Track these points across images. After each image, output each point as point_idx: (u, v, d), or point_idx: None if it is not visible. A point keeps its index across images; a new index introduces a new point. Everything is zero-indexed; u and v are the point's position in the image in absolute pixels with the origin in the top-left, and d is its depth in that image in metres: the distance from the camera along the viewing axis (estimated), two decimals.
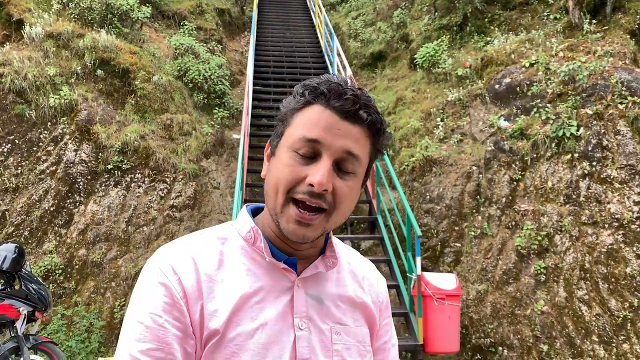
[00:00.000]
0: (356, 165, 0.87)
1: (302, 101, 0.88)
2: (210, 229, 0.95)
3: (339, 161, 0.85)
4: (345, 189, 0.86)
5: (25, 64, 7.50)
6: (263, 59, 11.12)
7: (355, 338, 0.94)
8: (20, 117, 7.19)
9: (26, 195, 6.76)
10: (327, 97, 0.85)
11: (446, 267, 6.23)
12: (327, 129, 0.84)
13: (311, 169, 0.84)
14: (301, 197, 0.84)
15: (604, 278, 5.09)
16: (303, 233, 0.85)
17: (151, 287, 0.84)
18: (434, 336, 4.89)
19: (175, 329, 0.82)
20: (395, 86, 9.86)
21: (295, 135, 0.86)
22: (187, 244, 0.90)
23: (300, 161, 0.85)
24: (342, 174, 0.86)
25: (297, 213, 0.84)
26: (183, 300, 0.83)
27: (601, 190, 5.46)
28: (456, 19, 9.70)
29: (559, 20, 7.94)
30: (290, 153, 0.86)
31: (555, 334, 5.20)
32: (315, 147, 0.84)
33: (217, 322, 0.83)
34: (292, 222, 0.85)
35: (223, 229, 0.95)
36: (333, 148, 0.84)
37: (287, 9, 15.36)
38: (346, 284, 0.98)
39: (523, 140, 6.36)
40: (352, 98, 0.85)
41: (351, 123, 0.85)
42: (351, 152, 0.85)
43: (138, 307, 0.84)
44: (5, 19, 8.37)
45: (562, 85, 6.33)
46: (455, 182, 6.65)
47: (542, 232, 5.65)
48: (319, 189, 0.82)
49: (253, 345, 0.83)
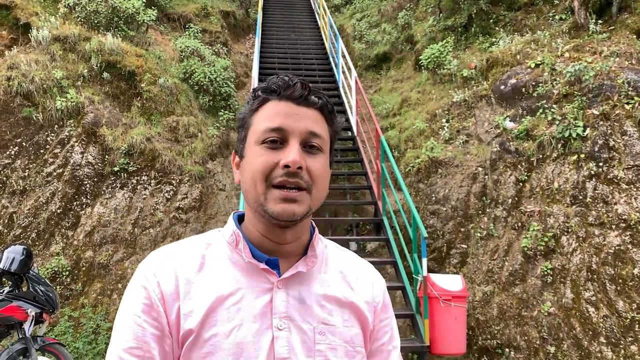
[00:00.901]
0: (321, 142, 0.94)
1: (257, 102, 0.95)
2: (199, 235, 1.00)
3: (304, 142, 0.91)
4: (318, 165, 0.92)
5: (32, 67, 7.55)
6: (268, 61, 11.14)
7: (342, 338, 0.94)
8: (28, 120, 7.24)
9: (33, 197, 6.80)
10: (278, 91, 0.93)
11: (452, 268, 6.22)
12: (286, 116, 0.91)
13: (282, 153, 0.89)
14: (279, 180, 0.88)
15: (611, 279, 5.06)
16: (292, 209, 0.88)
17: (134, 290, 0.90)
18: (441, 338, 4.88)
19: (154, 328, 0.86)
20: (401, 87, 9.86)
21: (259, 130, 0.92)
22: (172, 250, 0.95)
23: (270, 150, 0.90)
24: (311, 153, 0.92)
25: (281, 192, 0.88)
26: (161, 302, 0.88)
27: (608, 191, 5.43)
28: (461, 20, 9.68)
29: (565, 21, 7.92)
30: (258, 146, 0.91)
31: (562, 335, 5.18)
32: (280, 134, 0.90)
33: (192, 322, 0.86)
34: (279, 202, 0.88)
35: (210, 235, 0.99)
36: (297, 131, 0.91)
37: (292, 11, 15.39)
38: (331, 284, 0.99)
39: (529, 141, 6.34)
40: (301, 85, 0.93)
41: (306, 107, 0.93)
42: (314, 132, 0.92)
43: (123, 309, 0.90)
44: (12, 22, 8.44)
45: (568, 85, 6.31)
46: (461, 183, 6.64)
47: (549, 233, 5.63)
48: (295, 167, 0.87)
49: (228, 345, 0.86)
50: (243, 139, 0.96)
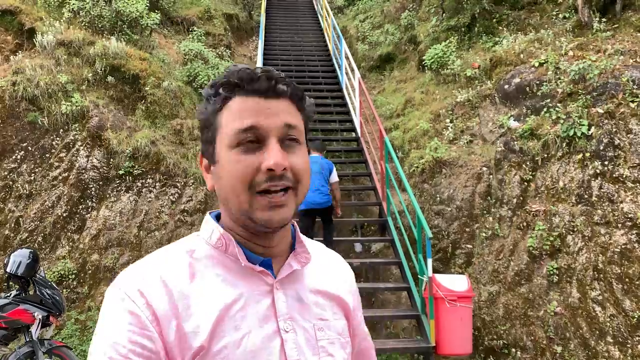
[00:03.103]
0: (297, 133, 0.87)
1: (220, 100, 0.87)
2: (175, 243, 0.91)
3: (282, 137, 0.85)
4: (300, 161, 0.86)
5: (38, 72, 7.60)
6: (271, 63, 11.16)
7: (336, 331, 0.95)
8: (33, 124, 7.29)
9: (39, 201, 6.84)
10: (242, 86, 0.85)
11: (457, 268, 6.20)
12: (258, 113, 0.84)
13: (262, 155, 0.83)
14: (264, 186, 0.82)
15: (617, 278, 5.03)
16: (281, 215, 0.83)
17: (115, 315, 0.79)
18: (446, 338, 4.86)
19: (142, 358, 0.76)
20: (404, 88, 9.85)
21: (230, 132, 0.84)
22: (153, 262, 0.85)
23: (247, 154, 0.83)
24: (291, 148, 0.86)
25: (268, 199, 0.82)
26: (153, 324, 0.78)
27: (613, 190, 5.41)
28: (464, 20, 9.67)
29: (568, 19, 7.89)
30: (233, 151, 0.83)
31: (569, 335, 5.15)
32: (255, 134, 0.83)
33: (200, 338, 0.79)
34: (267, 209, 0.83)
35: (189, 241, 0.91)
36: (273, 127, 0.84)
37: (295, 13, 15.42)
38: (319, 277, 0.98)
39: (533, 141, 6.32)
40: (266, 76, 0.85)
41: (275, 99, 0.86)
42: (290, 124, 0.86)
43: (101, 338, 0.78)
44: (17, 27, 8.49)
45: (572, 84, 6.29)
46: (465, 183, 6.63)
47: (554, 233, 5.61)
48: (279, 169, 0.82)
49: (240, 355, 0.81)
50: (211, 142, 0.88)
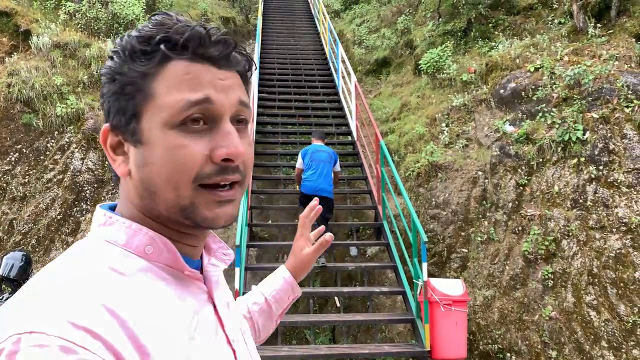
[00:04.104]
0: (248, 114, 0.71)
1: (156, 61, 0.65)
2: (78, 258, 0.64)
3: (233, 118, 0.69)
4: (250, 148, 0.71)
5: (33, 73, 7.58)
6: (268, 66, 11.17)
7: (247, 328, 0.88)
8: (28, 126, 7.26)
9: (33, 203, 6.81)
10: (190, 48, 0.66)
11: (453, 272, 6.20)
12: (211, 85, 0.66)
13: (213, 140, 0.65)
14: (214, 180, 0.65)
15: (612, 283, 5.04)
16: (230, 213, 0.68)
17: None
18: (441, 343, 4.85)
19: None
20: (400, 92, 9.87)
21: (171, 104, 0.64)
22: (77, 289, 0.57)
23: (192, 137, 0.64)
24: (241, 132, 0.69)
25: (216, 194, 0.66)
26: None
27: (608, 195, 5.42)
28: (460, 25, 9.71)
29: (564, 25, 7.93)
30: (173, 131, 0.64)
31: (563, 339, 5.15)
32: (206, 111, 0.65)
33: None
34: (214, 206, 0.66)
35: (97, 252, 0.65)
36: (227, 104, 0.67)
37: (292, 16, 15.44)
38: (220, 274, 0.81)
39: (529, 145, 6.34)
40: (222, 40, 0.68)
41: (227, 69, 0.69)
42: (243, 102, 0.70)
43: None
44: (13, 29, 8.47)
45: (567, 89, 6.31)
46: (461, 188, 6.63)
47: (549, 237, 5.62)
48: (239, 160, 0.67)
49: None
50: (134, 114, 0.66)
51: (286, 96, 10.18)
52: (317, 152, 6.15)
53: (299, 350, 5.05)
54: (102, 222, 0.69)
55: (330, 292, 5.72)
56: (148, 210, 0.68)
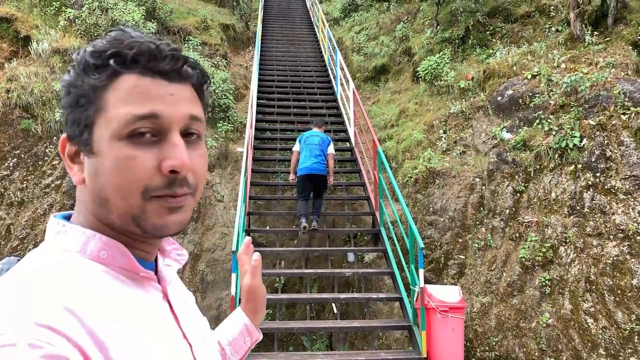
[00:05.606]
0: (201, 127, 0.74)
1: (107, 74, 0.68)
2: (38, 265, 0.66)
3: (184, 131, 0.71)
4: (202, 161, 0.73)
5: (32, 79, 7.60)
6: (267, 73, 11.21)
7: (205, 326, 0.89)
8: (26, 131, 7.27)
9: (31, 209, 6.80)
10: (140, 62, 0.68)
11: (450, 279, 6.19)
12: (159, 99, 0.68)
13: (160, 151, 0.67)
14: (163, 192, 0.67)
15: (609, 290, 5.03)
16: (180, 220, 0.70)
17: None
18: (438, 350, 4.83)
19: None
20: (398, 99, 9.90)
21: (119, 117, 0.66)
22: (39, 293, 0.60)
23: (140, 148, 0.66)
24: (191, 144, 0.72)
25: (166, 201, 0.68)
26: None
27: (605, 201, 5.42)
28: (458, 32, 9.75)
29: (561, 33, 7.97)
30: (123, 142, 0.66)
31: (561, 347, 5.13)
32: (153, 125, 0.67)
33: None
34: (165, 214, 0.68)
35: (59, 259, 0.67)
36: (176, 118, 0.69)
37: (291, 24, 15.52)
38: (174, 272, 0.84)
39: (526, 152, 6.35)
40: (171, 55, 0.70)
41: (179, 83, 0.71)
42: (195, 116, 0.72)
43: None
44: (12, 35, 8.51)
45: (564, 96, 6.33)
46: (458, 194, 6.63)
47: (547, 244, 5.61)
48: (185, 171, 0.68)
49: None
50: (87, 125, 0.68)
51: (285, 102, 10.21)
52: (311, 136, 6.82)
53: (295, 356, 5.03)
54: (56, 230, 0.72)
55: (327, 298, 5.71)
56: (102, 217, 0.70)
